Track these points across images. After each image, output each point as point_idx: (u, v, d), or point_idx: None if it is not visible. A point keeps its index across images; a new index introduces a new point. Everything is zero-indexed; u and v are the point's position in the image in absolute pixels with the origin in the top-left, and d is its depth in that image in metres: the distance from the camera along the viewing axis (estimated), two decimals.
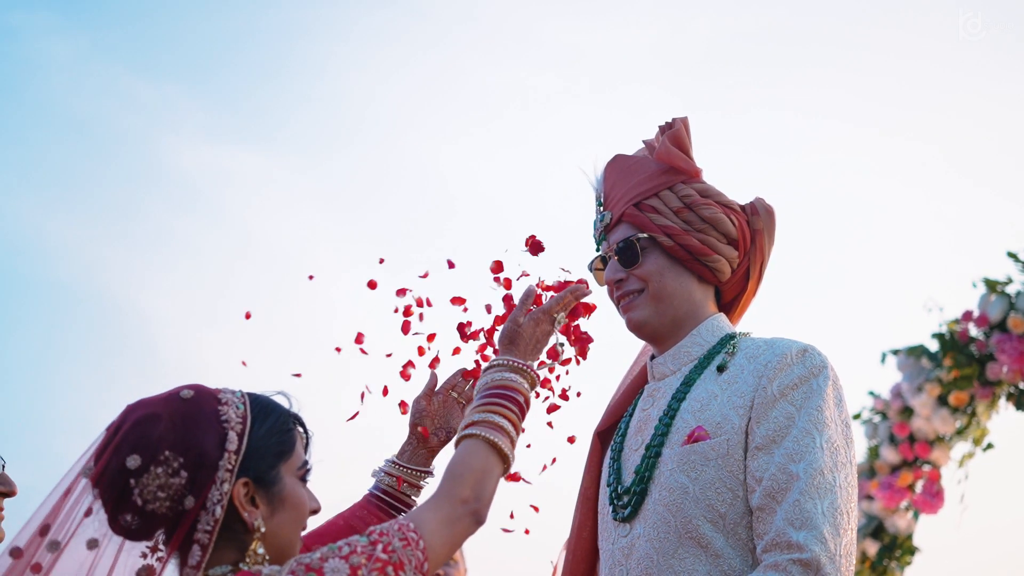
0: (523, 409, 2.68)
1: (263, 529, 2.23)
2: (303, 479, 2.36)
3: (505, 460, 2.56)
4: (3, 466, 3.05)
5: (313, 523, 2.43)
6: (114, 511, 2.18)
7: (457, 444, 2.58)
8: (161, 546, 2.20)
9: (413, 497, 3.01)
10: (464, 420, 2.63)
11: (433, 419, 3.08)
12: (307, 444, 2.41)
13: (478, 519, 2.42)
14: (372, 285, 3.12)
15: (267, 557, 2.23)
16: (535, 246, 3.06)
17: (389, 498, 2.98)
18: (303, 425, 2.41)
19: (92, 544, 2.18)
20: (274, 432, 2.31)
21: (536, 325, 2.85)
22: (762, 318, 3.19)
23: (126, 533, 2.19)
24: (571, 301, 2.91)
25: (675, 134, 2.97)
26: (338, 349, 3.11)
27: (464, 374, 3.13)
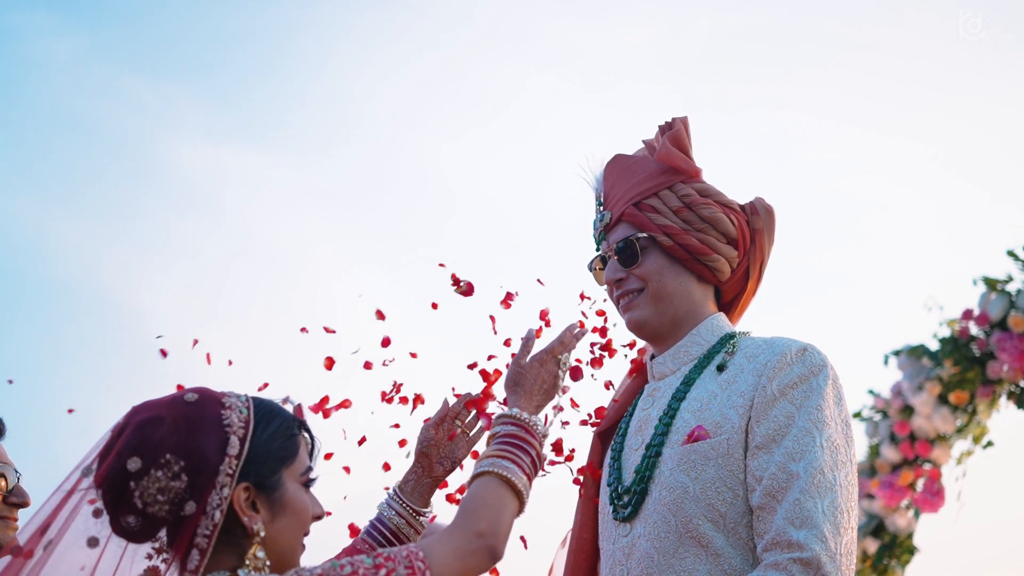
0: (535, 463, 2.66)
1: (263, 534, 2.22)
2: (307, 485, 2.34)
3: (520, 497, 2.54)
4: (19, 478, 3.06)
5: (315, 535, 2.42)
6: (115, 513, 2.18)
7: (471, 482, 2.56)
8: (166, 549, 2.20)
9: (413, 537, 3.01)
10: (478, 461, 2.61)
11: (439, 448, 3.07)
12: (312, 450, 2.40)
13: (494, 554, 2.40)
14: (380, 315, 3.11)
15: (267, 562, 2.23)
16: (468, 289, 3.05)
17: (390, 534, 2.97)
18: (308, 431, 2.40)
19: (93, 543, 2.18)
20: (277, 437, 2.29)
21: (541, 366, 2.85)
22: (763, 318, 3.19)
23: (127, 535, 2.19)
24: (571, 340, 2.90)
25: (675, 134, 2.97)
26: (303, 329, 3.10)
27: (467, 404, 3.12)
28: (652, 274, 2.92)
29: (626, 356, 3.14)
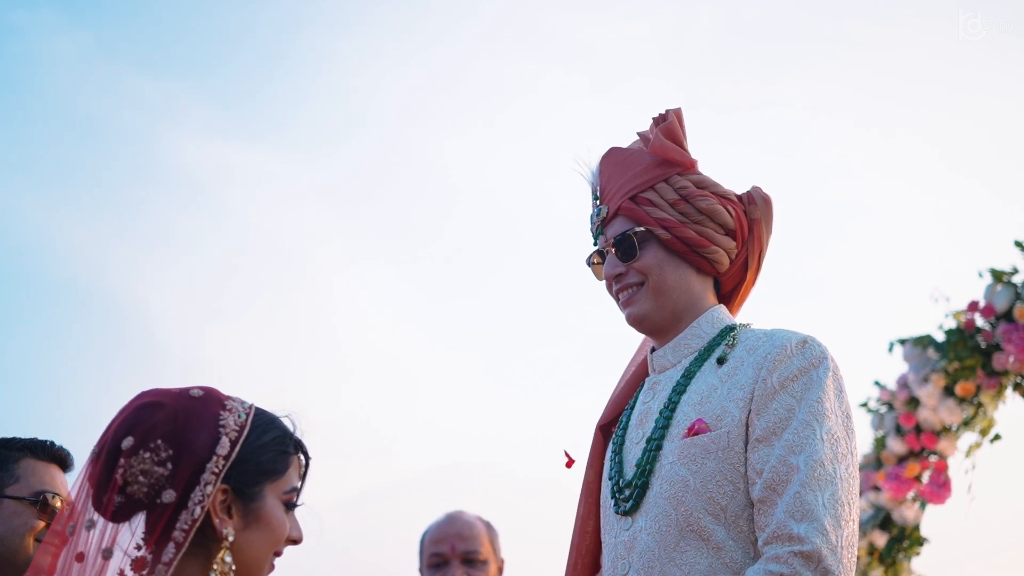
0: None
1: (231, 539, 2.22)
2: (288, 505, 2.34)
3: None
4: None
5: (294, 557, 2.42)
6: (99, 489, 2.20)
7: None
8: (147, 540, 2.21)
9: None
10: None
11: None
12: (304, 473, 2.39)
13: None
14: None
15: (233, 568, 2.22)
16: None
17: None
18: (304, 452, 2.39)
19: (90, 524, 2.20)
20: (268, 449, 2.30)
21: None
22: (769, 310, 3.19)
23: (106, 513, 2.20)
24: None
25: (668, 126, 2.96)
26: None
27: None
28: (651, 268, 2.91)
29: None
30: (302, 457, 2.39)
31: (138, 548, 2.20)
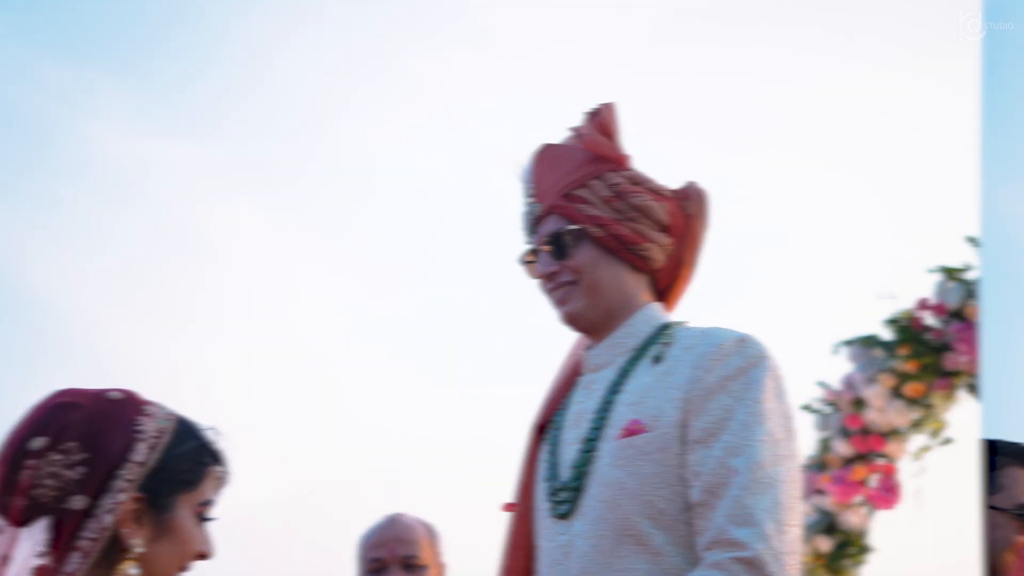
0: None
1: (138, 550, 2.17)
2: (201, 518, 2.29)
3: None
4: None
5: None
6: (3, 491, 2.14)
7: None
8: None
9: None
10: None
11: None
12: (220, 485, 2.35)
13: None
14: None
15: None
16: None
17: None
18: (224, 466, 2.35)
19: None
20: (186, 459, 2.25)
21: None
22: (712, 308, 3.18)
23: (9, 517, 2.14)
24: None
25: (601, 121, 2.93)
26: None
27: None
28: (585, 266, 2.87)
29: None
30: (220, 470, 2.35)
31: (40, 556, 2.13)
